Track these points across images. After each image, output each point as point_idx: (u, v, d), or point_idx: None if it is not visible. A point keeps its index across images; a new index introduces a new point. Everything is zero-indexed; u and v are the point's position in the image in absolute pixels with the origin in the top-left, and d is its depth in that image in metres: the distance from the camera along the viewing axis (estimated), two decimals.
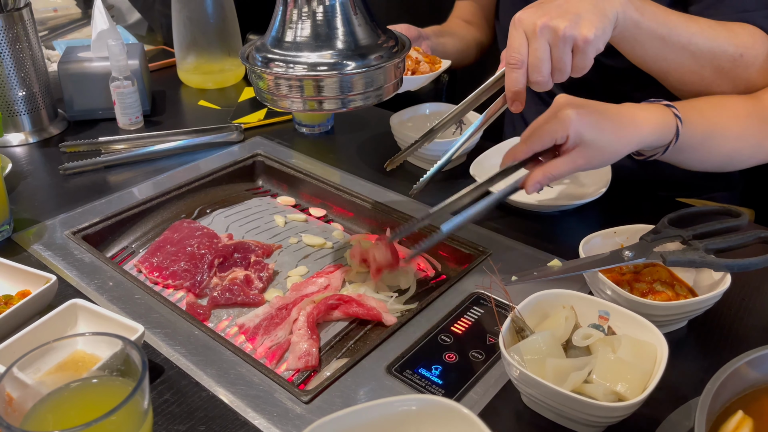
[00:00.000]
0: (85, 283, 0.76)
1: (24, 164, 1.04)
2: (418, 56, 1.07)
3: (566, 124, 0.68)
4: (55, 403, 0.47)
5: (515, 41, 0.70)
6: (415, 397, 0.50)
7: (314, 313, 0.72)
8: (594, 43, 0.69)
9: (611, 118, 0.71)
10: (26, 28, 1.06)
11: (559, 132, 0.69)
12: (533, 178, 0.70)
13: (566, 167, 0.70)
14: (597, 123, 0.70)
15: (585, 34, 0.69)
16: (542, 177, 0.70)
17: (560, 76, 0.71)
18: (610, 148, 0.71)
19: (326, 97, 0.66)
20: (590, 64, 0.71)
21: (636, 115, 0.73)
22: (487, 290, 0.73)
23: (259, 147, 1.07)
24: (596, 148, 0.70)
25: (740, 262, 0.64)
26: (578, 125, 0.68)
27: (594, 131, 0.69)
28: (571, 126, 0.68)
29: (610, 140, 0.70)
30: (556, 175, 0.70)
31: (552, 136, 0.69)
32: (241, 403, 0.60)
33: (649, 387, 0.53)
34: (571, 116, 0.68)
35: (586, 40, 0.69)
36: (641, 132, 0.72)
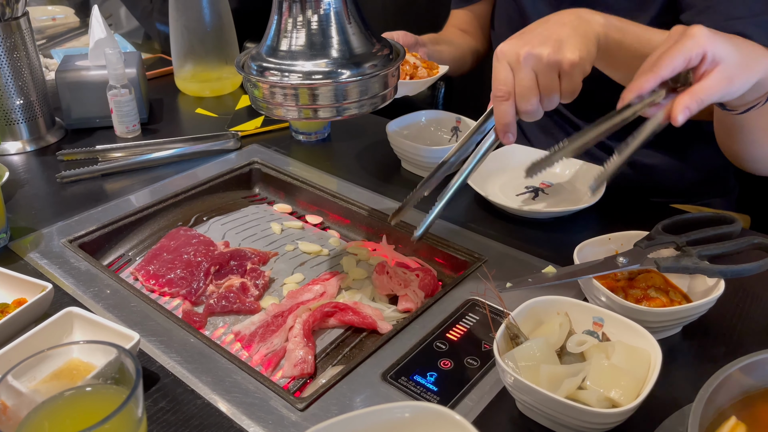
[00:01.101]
0: (81, 291, 0.76)
1: (21, 172, 1.04)
2: (416, 62, 1.07)
3: (701, 40, 0.61)
4: (50, 412, 0.47)
5: (500, 74, 0.69)
6: (409, 404, 0.50)
7: (310, 321, 0.72)
8: (580, 65, 0.69)
9: (739, 43, 0.65)
10: (24, 36, 1.06)
11: (694, 49, 0.61)
12: (682, 103, 0.61)
13: (716, 87, 0.62)
14: (729, 40, 0.63)
15: (570, 57, 0.68)
16: (691, 101, 0.61)
17: (550, 103, 0.71)
18: (748, 68, 0.64)
19: (321, 106, 0.66)
20: (579, 87, 0.71)
21: (756, 50, 0.68)
22: (481, 297, 0.74)
23: (255, 155, 1.08)
24: (737, 65, 0.63)
25: (734, 269, 0.64)
26: (714, 40, 0.61)
27: (730, 47, 0.62)
28: (707, 42, 0.61)
29: (747, 59, 0.64)
30: (706, 97, 0.61)
31: (686, 55, 0.61)
32: (236, 410, 0.60)
33: (643, 393, 0.53)
34: (703, 32, 0.61)
35: (572, 64, 0.68)
36: (764, 66, 0.67)
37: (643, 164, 1.07)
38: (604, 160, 1.07)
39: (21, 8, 1.06)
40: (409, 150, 0.98)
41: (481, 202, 0.91)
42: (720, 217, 0.73)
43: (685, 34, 0.62)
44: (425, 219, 0.75)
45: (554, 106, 0.71)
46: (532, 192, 0.93)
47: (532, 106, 0.70)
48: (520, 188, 0.94)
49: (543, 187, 0.94)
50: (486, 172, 0.95)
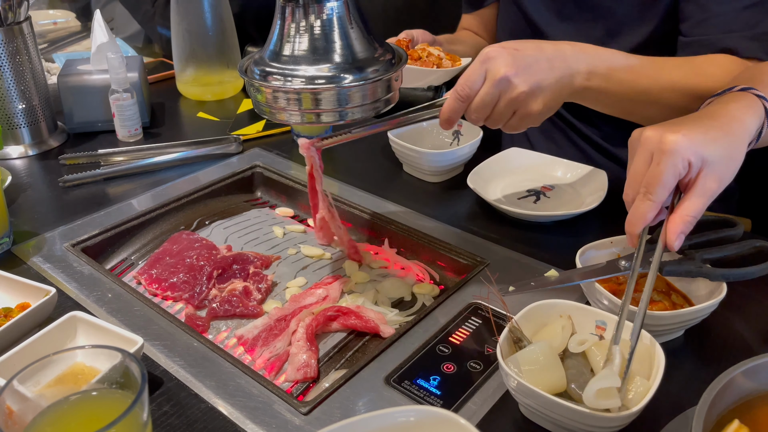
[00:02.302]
0: (84, 295, 0.76)
1: (24, 177, 1.04)
2: (440, 53, 1.11)
3: (680, 152, 0.59)
4: (55, 416, 0.47)
5: (474, 74, 0.70)
6: (413, 408, 0.50)
7: (313, 325, 0.72)
8: (534, 118, 0.72)
9: (715, 126, 0.63)
10: (26, 41, 1.07)
11: (679, 164, 0.59)
12: (675, 231, 0.60)
13: (702, 199, 0.60)
14: (707, 137, 0.61)
15: (532, 108, 0.70)
16: (684, 225, 0.60)
17: (493, 125, 0.73)
18: (734, 156, 0.62)
19: (324, 110, 0.66)
20: (523, 129, 0.73)
21: (733, 114, 0.65)
22: (484, 300, 0.74)
23: (257, 158, 1.08)
24: (721, 162, 0.61)
25: (736, 272, 0.64)
26: (693, 146, 0.59)
27: (711, 146, 0.60)
28: (687, 150, 0.59)
29: (729, 148, 0.62)
30: (696, 213, 0.60)
31: (675, 172, 0.59)
32: (240, 414, 0.61)
33: (647, 396, 0.54)
34: (679, 141, 0.59)
35: (529, 114, 0.71)
36: (748, 129, 0.65)
37: None
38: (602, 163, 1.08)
39: (23, 13, 1.06)
40: (410, 154, 0.99)
41: (483, 205, 0.92)
42: (722, 221, 0.73)
43: (662, 150, 0.59)
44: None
45: (495, 127, 0.73)
46: (534, 195, 0.94)
47: (479, 120, 0.72)
48: (522, 192, 0.95)
49: (545, 191, 0.94)
50: (488, 175, 0.96)
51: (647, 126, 0.63)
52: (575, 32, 1.03)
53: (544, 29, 1.07)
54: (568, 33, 1.04)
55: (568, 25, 1.04)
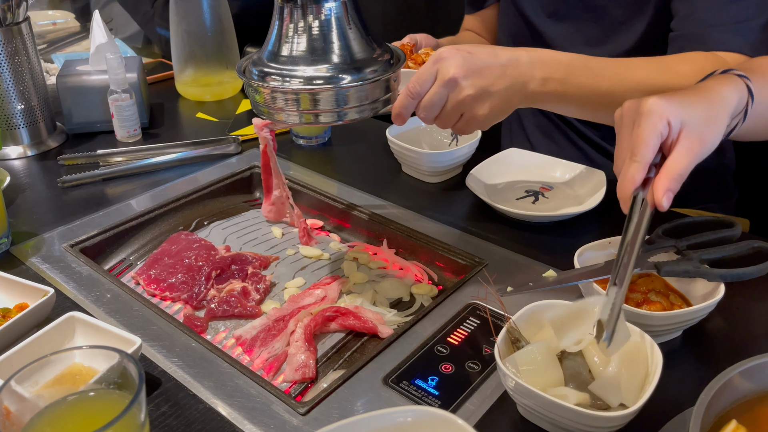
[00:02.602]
0: (82, 295, 0.76)
1: (22, 177, 1.04)
2: None
3: (659, 112, 0.59)
4: (53, 417, 0.47)
5: (426, 73, 0.70)
6: (411, 409, 0.50)
7: (311, 325, 0.72)
8: (480, 122, 0.73)
9: (690, 94, 0.63)
10: (25, 41, 1.07)
11: (658, 123, 0.59)
12: (661, 188, 0.59)
13: (686, 158, 0.59)
14: (685, 100, 0.61)
15: (477, 112, 0.72)
16: (670, 182, 0.59)
17: (441, 125, 0.74)
18: (714, 119, 0.62)
19: (322, 111, 0.66)
20: (470, 132, 0.75)
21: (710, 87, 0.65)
22: (482, 301, 0.74)
23: (256, 159, 1.08)
24: (701, 124, 0.61)
25: (734, 272, 0.64)
26: (671, 107, 0.60)
27: (689, 108, 0.61)
28: (664, 110, 0.59)
29: (708, 111, 0.62)
30: (682, 171, 0.59)
31: (656, 131, 0.59)
32: (238, 415, 0.61)
33: (644, 397, 0.54)
34: (656, 102, 0.60)
35: (475, 117, 0.72)
36: (726, 99, 0.64)
37: None
38: (602, 163, 1.08)
39: (22, 13, 1.06)
40: (409, 154, 0.99)
41: (481, 206, 0.92)
42: (720, 221, 0.73)
43: (640, 112, 0.60)
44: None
45: (445, 129, 0.75)
46: (532, 196, 0.94)
47: (427, 119, 0.73)
48: (520, 192, 0.95)
49: (543, 191, 0.95)
50: (486, 176, 0.96)
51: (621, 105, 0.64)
52: (571, 32, 1.04)
53: (540, 29, 1.07)
54: (564, 33, 1.05)
55: (563, 25, 1.04)
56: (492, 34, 1.29)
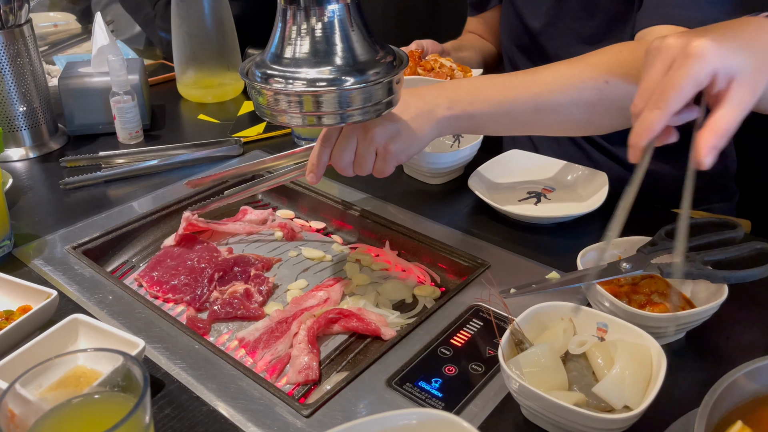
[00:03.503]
0: (85, 297, 0.76)
1: (24, 179, 1.04)
2: (452, 65, 1.11)
3: (707, 59, 0.52)
4: (57, 420, 0.47)
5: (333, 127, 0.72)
6: (415, 411, 0.50)
7: (314, 327, 0.72)
8: (394, 155, 0.74)
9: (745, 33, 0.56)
10: (27, 43, 1.07)
11: (702, 73, 0.52)
12: (706, 144, 0.52)
13: (737, 110, 0.53)
14: (737, 41, 0.54)
15: (390, 147, 0.74)
16: (715, 138, 0.52)
17: (360, 170, 0.75)
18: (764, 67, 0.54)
19: (325, 113, 0.66)
20: (390, 170, 0.76)
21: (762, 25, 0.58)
22: (486, 303, 0.74)
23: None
24: (754, 72, 0.53)
25: (737, 274, 0.64)
26: (723, 54, 0.52)
27: (742, 53, 0.53)
28: (715, 58, 0.52)
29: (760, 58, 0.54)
30: (731, 126, 0.52)
31: (694, 81, 0.52)
32: (241, 417, 0.60)
33: (648, 398, 0.54)
34: (707, 47, 0.52)
35: (387, 151, 0.74)
36: None
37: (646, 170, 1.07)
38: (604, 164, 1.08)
39: (24, 15, 1.06)
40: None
41: (483, 207, 0.92)
42: (723, 222, 0.73)
43: (687, 54, 0.52)
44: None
45: (365, 173, 0.76)
46: (534, 197, 0.94)
47: (341, 165, 0.74)
48: (522, 194, 0.95)
49: (545, 193, 0.95)
50: (489, 177, 0.96)
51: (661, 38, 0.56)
52: (566, 32, 1.04)
53: (537, 30, 1.07)
54: (560, 33, 1.05)
55: (559, 26, 1.05)
56: (494, 36, 1.29)
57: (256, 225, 0.95)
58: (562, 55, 0.89)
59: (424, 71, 1.14)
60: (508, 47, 1.17)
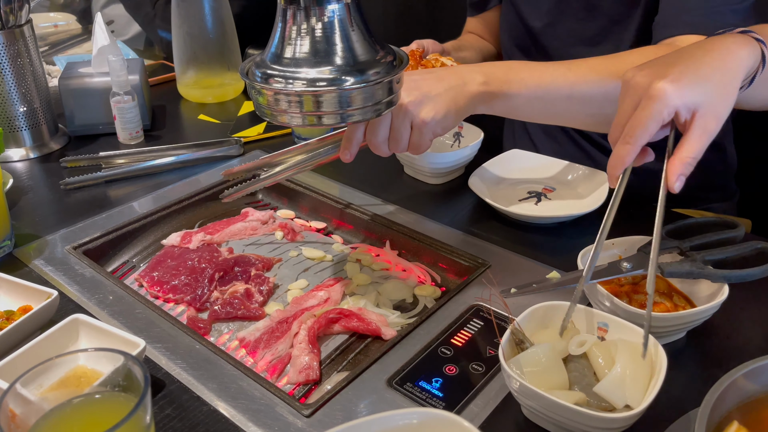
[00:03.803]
0: (86, 297, 0.76)
1: (25, 179, 1.04)
2: (454, 64, 1.11)
3: (666, 100, 0.58)
4: (58, 419, 0.47)
5: None
6: (416, 411, 0.50)
7: (315, 327, 0.72)
8: (430, 126, 0.73)
9: (706, 61, 0.61)
10: (27, 44, 1.07)
11: (663, 111, 0.58)
12: (674, 173, 0.59)
13: (701, 139, 0.59)
14: (697, 75, 0.60)
15: (423, 116, 0.73)
16: (683, 167, 0.59)
17: (395, 146, 0.74)
18: (727, 92, 0.60)
19: (325, 112, 0.66)
20: (426, 144, 0.75)
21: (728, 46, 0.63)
22: (486, 302, 0.74)
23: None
24: (715, 101, 0.59)
25: (738, 273, 0.64)
26: (681, 94, 0.58)
27: (702, 87, 0.59)
28: (673, 99, 0.58)
29: (722, 84, 0.60)
30: (696, 155, 0.59)
31: (657, 120, 0.59)
32: (242, 417, 0.61)
33: (649, 398, 0.54)
34: (666, 89, 0.58)
35: (423, 122, 0.73)
36: (743, 63, 0.62)
37: (644, 168, 1.07)
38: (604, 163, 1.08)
39: (24, 16, 1.06)
40: (411, 156, 0.99)
41: (484, 207, 0.92)
42: (723, 222, 0.73)
43: (649, 96, 0.59)
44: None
45: (400, 150, 0.75)
46: (535, 197, 0.94)
47: (376, 139, 0.74)
48: (522, 193, 0.95)
49: (546, 192, 0.95)
50: (489, 177, 0.96)
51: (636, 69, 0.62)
52: (568, 32, 1.04)
53: (537, 31, 1.07)
54: (561, 34, 1.05)
55: (559, 26, 1.05)
56: (494, 37, 1.29)
57: (256, 225, 0.95)
58: (563, 56, 0.89)
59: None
60: (508, 47, 1.17)
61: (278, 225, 0.95)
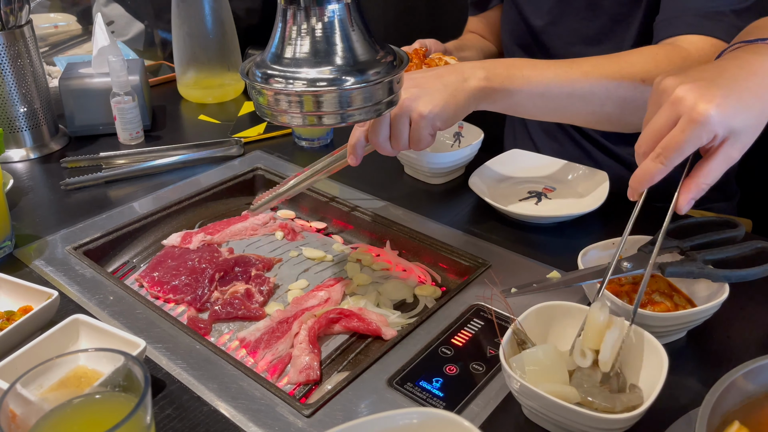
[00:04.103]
0: (86, 298, 0.76)
1: (25, 180, 1.04)
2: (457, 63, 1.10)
3: (710, 126, 0.56)
4: (58, 420, 0.47)
5: None
6: (416, 411, 0.50)
7: (315, 327, 0.72)
8: (428, 119, 0.73)
9: (751, 88, 0.58)
10: (27, 44, 1.07)
11: (703, 137, 0.56)
12: (687, 197, 0.59)
13: (721, 167, 0.58)
14: (740, 103, 0.57)
15: (420, 109, 0.73)
16: (696, 191, 0.59)
17: (396, 143, 0.75)
18: (761, 124, 0.59)
19: (325, 112, 0.66)
20: (426, 139, 0.75)
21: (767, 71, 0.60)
22: (487, 302, 0.74)
23: (259, 161, 1.08)
24: (748, 132, 0.58)
25: (738, 273, 0.64)
26: (724, 119, 0.56)
27: (743, 115, 0.57)
28: (717, 125, 0.56)
29: (759, 116, 0.58)
30: (712, 181, 0.59)
31: (695, 143, 0.57)
32: (242, 417, 0.60)
33: (650, 398, 0.53)
34: (712, 115, 0.56)
35: (420, 115, 0.73)
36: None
37: None
38: (605, 163, 1.08)
39: (24, 16, 1.06)
40: (411, 156, 0.99)
41: (484, 207, 0.92)
42: (724, 222, 0.73)
43: (692, 120, 0.56)
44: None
45: (402, 148, 0.75)
46: (535, 197, 0.94)
47: (377, 138, 0.74)
48: (523, 193, 0.95)
49: (546, 192, 0.95)
50: (489, 177, 0.96)
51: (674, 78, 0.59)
52: (570, 31, 1.04)
53: (539, 30, 1.07)
54: (563, 32, 1.05)
55: (561, 25, 1.04)
56: (496, 36, 1.29)
57: (257, 226, 0.95)
58: (565, 55, 0.89)
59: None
60: (510, 46, 1.17)
61: (278, 225, 0.95)
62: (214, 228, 0.93)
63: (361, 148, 0.77)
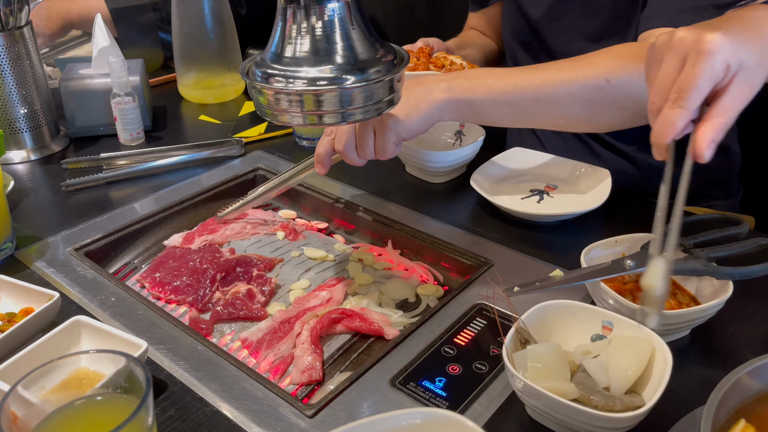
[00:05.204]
0: (87, 299, 0.76)
1: (26, 181, 1.04)
2: (462, 62, 1.11)
3: (721, 52, 0.53)
4: (60, 422, 0.47)
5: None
6: (419, 411, 0.50)
7: (317, 327, 0.72)
8: (391, 129, 0.74)
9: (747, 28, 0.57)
10: (27, 46, 1.07)
11: (717, 67, 0.53)
12: (705, 138, 0.53)
13: (735, 105, 0.54)
14: (743, 36, 0.55)
15: (384, 119, 0.74)
16: (714, 132, 0.53)
17: (362, 153, 0.76)
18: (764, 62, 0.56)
19: (326, 112, 0.66)
20: (391, 148, 0.76)
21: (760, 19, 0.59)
22: (490, 301, 0.73)
23: (260, 161, 1.08)
24: (755, 67, 0.55)
25: (742, 270, 0.64)
26: (733, 47, 0.53)
27: (747, 49, 0.54)
28: (727, 51, 0.53)
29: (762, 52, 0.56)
30: (730, 120, 0.54)
31: (712, 76, 0.53)
32: (245, 418, 0.60)
33: (654, 397, 0.53)
34: (719, 41, 0.53)
35: (383, 125, 0.74)
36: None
37: (648, 164, 1.07)
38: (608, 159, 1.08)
39: (24, 17, 1.06)
40: (413, 155, 0.98)
41: (486, 206, 0.91)
42: (727, 219, 0.73)
43: (700, 51, 0.53)
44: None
45: (368, 157, 0.76)
46: (537, 195, 0.93)
47: (343, 147, 0.75)
48: (525, 191, 0.94)
49: (548, 190, 0.94)
50: (491, 175, 0.95)
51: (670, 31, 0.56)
52: (569, 28, 1.04)
53: (540, 27, 1.07)
54: (563, 29, 1.05)
55: (561, 21, 1.04)
56: (496, 33, 1.29)
57: (258, 225, 0.94)
58: (565, 51, 0.89)
59: (435, 68, 1.14)
60: (510, 43, 1.17)
61: (280, 225, 0.94)
62: (214, 228, 0.93)
63: (329, 158, 0.79)
